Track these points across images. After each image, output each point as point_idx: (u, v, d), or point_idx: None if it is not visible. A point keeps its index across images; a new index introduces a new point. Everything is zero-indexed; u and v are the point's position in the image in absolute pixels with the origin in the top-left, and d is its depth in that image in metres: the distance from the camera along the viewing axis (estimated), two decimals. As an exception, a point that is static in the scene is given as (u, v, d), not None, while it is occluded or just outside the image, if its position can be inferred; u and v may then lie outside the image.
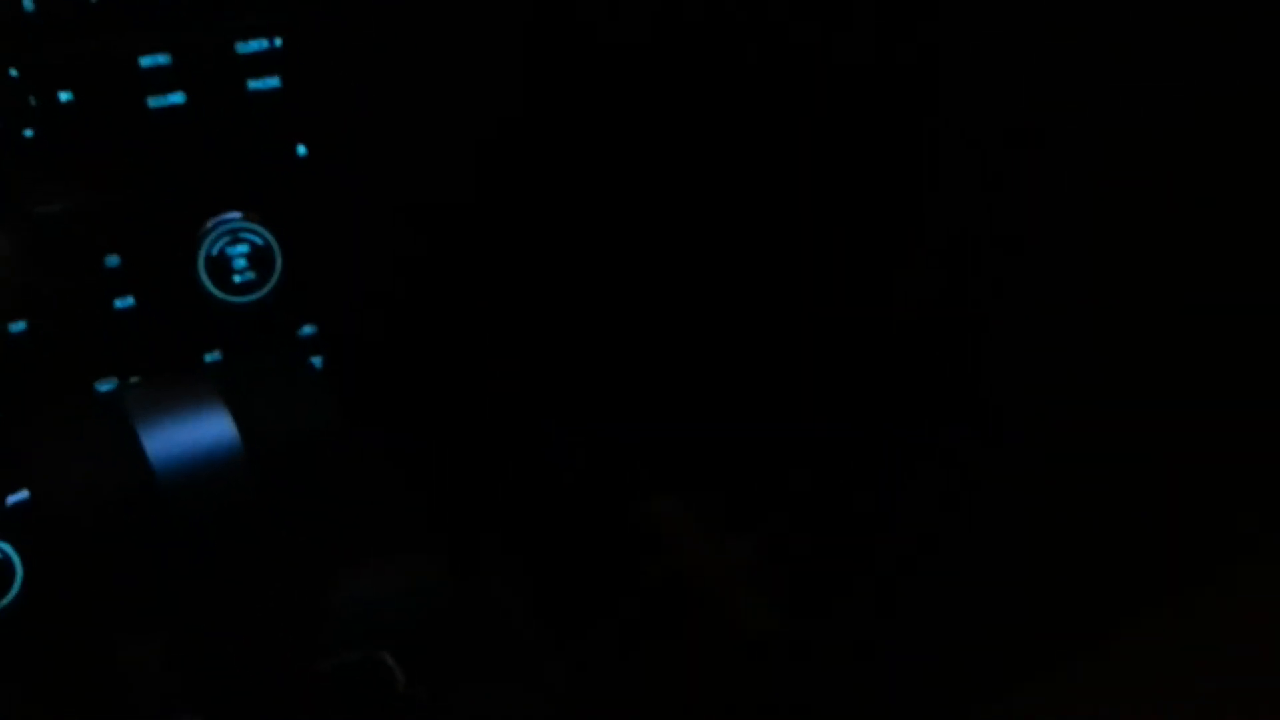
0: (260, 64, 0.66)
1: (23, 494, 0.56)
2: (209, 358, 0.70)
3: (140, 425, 0.54)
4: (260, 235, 0.68)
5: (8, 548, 0.66)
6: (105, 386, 0.68)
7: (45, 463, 0.53)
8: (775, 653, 1.05)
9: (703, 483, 1.10)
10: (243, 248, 0.68)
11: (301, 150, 0.69)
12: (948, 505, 1.04)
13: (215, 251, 0.67)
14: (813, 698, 1.03)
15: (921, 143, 0.87)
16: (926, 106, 0.84)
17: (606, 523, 1.05)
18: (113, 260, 0.66)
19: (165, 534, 0.54)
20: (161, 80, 0.64)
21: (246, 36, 0.65)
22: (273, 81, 0.67)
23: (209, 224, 0.67)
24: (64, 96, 0.63)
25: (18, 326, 0.64)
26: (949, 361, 0.98)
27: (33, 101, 0.62)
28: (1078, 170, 0.82)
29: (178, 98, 0.65)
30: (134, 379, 0.68)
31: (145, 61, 0.64)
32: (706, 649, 1.06)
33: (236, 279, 0.68)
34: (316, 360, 0.74)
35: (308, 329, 0.72)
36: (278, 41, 0.66)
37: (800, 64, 0.83)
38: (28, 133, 0.62)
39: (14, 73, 0.61)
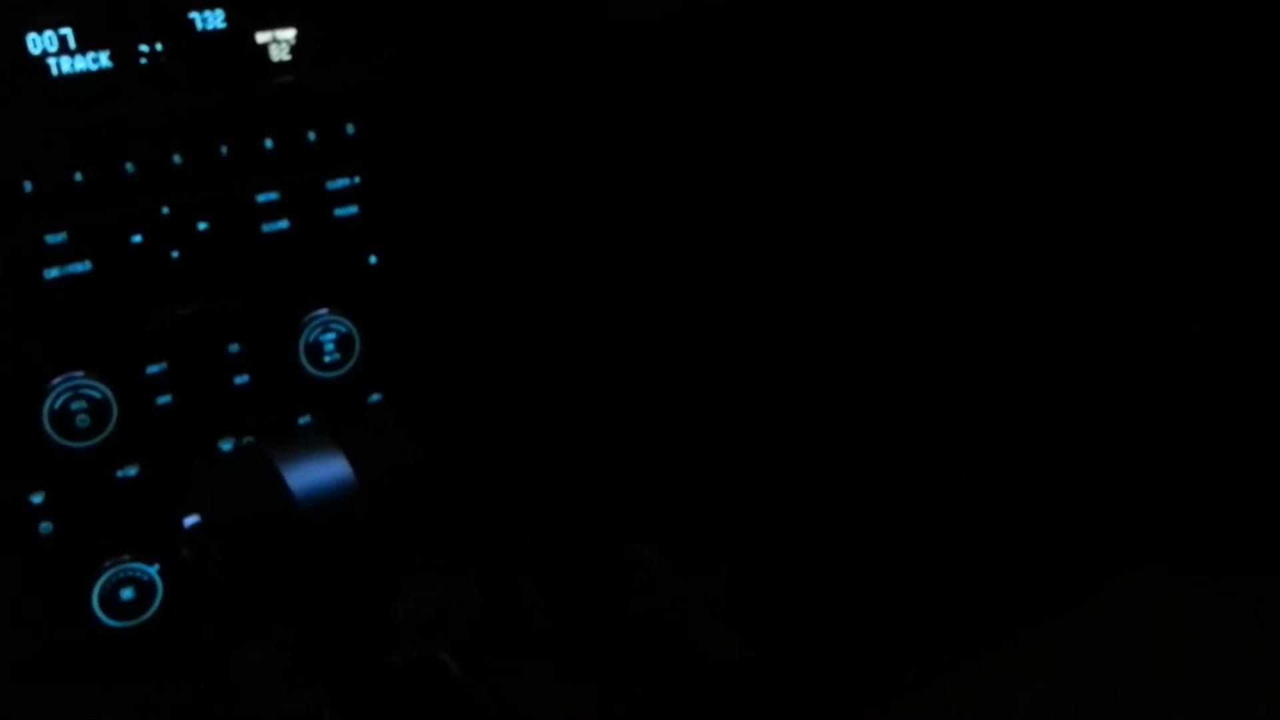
0: (344, 196, 0.87)
1: (194, 518, 0.75)
2: (301, 420, 0.90)
3: (282, 467, 0.74)
4: (344, 325, 0.88)
5: (151, 570, 0.85)
6: (226, 445, 0.88)
7: (217, 493, 0.73)
8: (742, 677, 1.23)
9: (675, 527, 1.30)
10: (331, 335, 0.88)
11: (373, 259, 0.90)
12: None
13: (311, 339, 0.88)
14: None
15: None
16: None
17: (599, 566, 1.25)
18: (234, 347, 0.86)
19: (301, 548, 0.74)
20: (272, 211, 0.85)
21: (334, 176, 0.86)
22: (352, 209, 0.88)
23: (306, 318, 0.87)
24: (201, 226, 0.83)
25: (164, 399, 0.84)
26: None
27: (178, 231, 0.83)
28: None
29: (284, 224, 0.86)
30: (246, 439, 0.88)
31: (260, 198, 0.84)
32: (682, 675, 1.24)
33: (326, 359, 0.88)
34: (381, 421, 0.94)
35: (375, 396, 0.93)
36: (357, 179, 0.87)
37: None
38: (174, 254, 0.83)
39: (165, 210, 0.82)
